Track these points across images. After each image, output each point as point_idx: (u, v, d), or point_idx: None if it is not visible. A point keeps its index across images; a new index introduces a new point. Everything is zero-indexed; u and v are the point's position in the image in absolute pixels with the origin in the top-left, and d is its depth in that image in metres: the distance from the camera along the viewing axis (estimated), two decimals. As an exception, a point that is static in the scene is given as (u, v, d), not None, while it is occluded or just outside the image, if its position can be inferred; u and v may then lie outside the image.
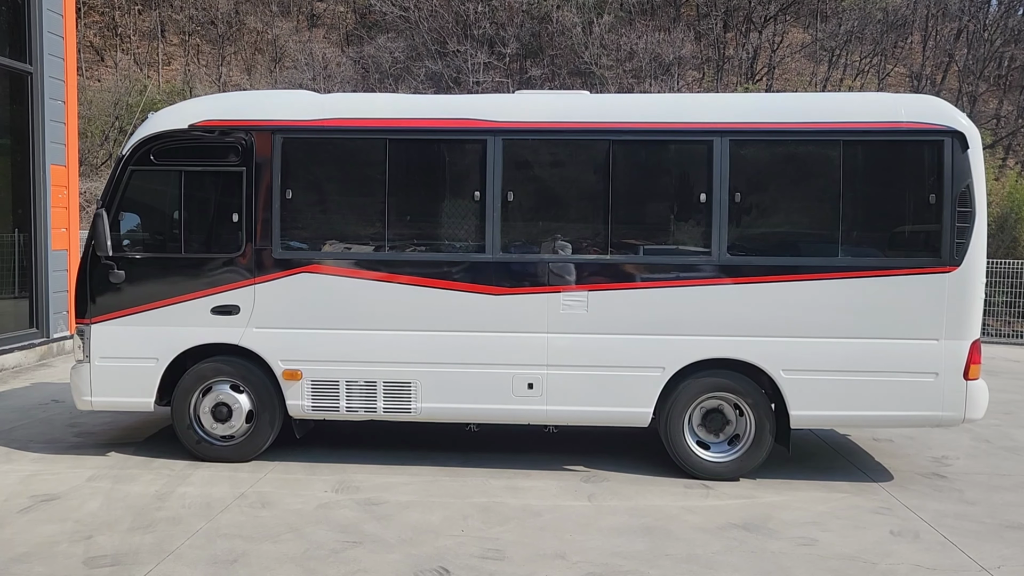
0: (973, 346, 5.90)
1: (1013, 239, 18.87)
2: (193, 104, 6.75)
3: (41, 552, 4.65)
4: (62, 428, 7.39)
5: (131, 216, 6.40)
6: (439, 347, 6.14)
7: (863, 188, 6.01)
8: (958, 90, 27.25)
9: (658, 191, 6.36)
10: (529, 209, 6.26)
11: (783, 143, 6.14)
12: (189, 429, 6.37)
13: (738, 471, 6.14)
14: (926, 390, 5.91)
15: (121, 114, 27.08)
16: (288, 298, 6.19)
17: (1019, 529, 5.30)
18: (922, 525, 5.32)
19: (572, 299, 6.05)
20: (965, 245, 5.84)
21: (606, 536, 5.03)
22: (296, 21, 34.35)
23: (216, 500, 5.53)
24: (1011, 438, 7.73)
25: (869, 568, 4.63)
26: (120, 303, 6.26)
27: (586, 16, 29.46)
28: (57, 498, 5.55)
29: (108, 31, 32.83)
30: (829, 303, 5.93)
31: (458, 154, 6.41)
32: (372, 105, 6.50)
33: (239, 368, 6.31)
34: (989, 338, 14.83)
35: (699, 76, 29.83)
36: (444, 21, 30.13)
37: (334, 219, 6.50)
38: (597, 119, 6.17)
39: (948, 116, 5.94)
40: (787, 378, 5.97)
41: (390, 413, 6.25)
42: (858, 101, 6.45)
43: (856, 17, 29.11)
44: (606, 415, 6.20)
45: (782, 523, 5.29)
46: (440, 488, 5.88)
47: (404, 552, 4.73)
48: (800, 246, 6.08)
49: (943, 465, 6.74)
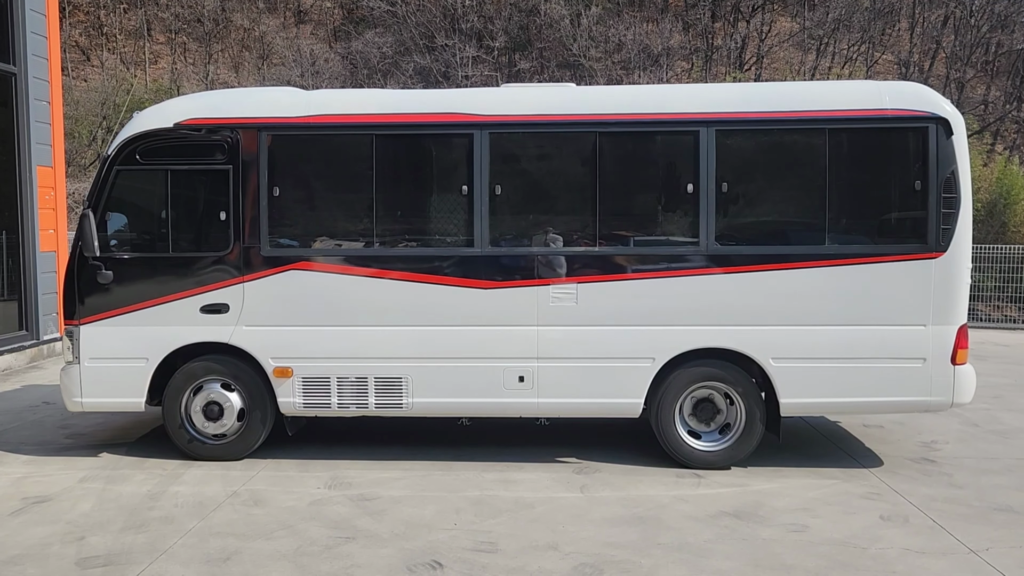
0: (960, 331, 5.94)
1: (1002, 224, 18.96)
2: (178, 102, 6.72)
3: (33, 554, 4.65)
4: (53, 430, 7.37)
5: (118, 216, 6.37)
6: (430, 342, 6.15)
7: (849, 176, 6.03)
8: (946, 76, 27.31)
9: (645, 182, 6.38)
10: (517, 202, 6.27)
11: (768, 132, 6.16)
12: (180, 428, 6.36)
13: (729, 460, 6.17)
14: (914, 375, 5.95)
15: (108, 114, 26.95)
16: (277, 296, 6.18)
17: (1007, 512, 5.35)
18: (911, 509, 5.36)
19: (561, 292, 6.06)
20: (951, 231, 5.87)
21: (598, 527, 5.05)
22: (283, 17, 34.21)
23: (209, 499, 5.53)
24: (1000, 422, 7.79)
25: (859, 553, 4.67)
26: (109, 304, 6.24)
27: (574, 8, 29.41)
28: (49, 500, 5.54)
29: (94, 30, 32.63)
30: (817, 291, 5.96)
31: (445, 149, 6.41)
32: (358, 101, 6.49)
33: (230, 366, 6.30)
34: (979, 323, 14.93)
35: (688, 67, 29.83)
36: (432, 15, 30.05)
37: (322, 216, 6.50)
38: (583, 111, 6.18)
39: (932, 102, 5.96)
40: (776, 366, 6.00)
41: (382, 409, 6.26)
42: (842, 89, 6.47)
43: (843, 5, 29.13)
44: (597, 406, 6.22)
45: (773, 510, 5.33)
46: (433, 482, 5.90)
47: (397, 546, 4.75)
48: (787, 235, 6.12)
49: (932, 450, 6.79)
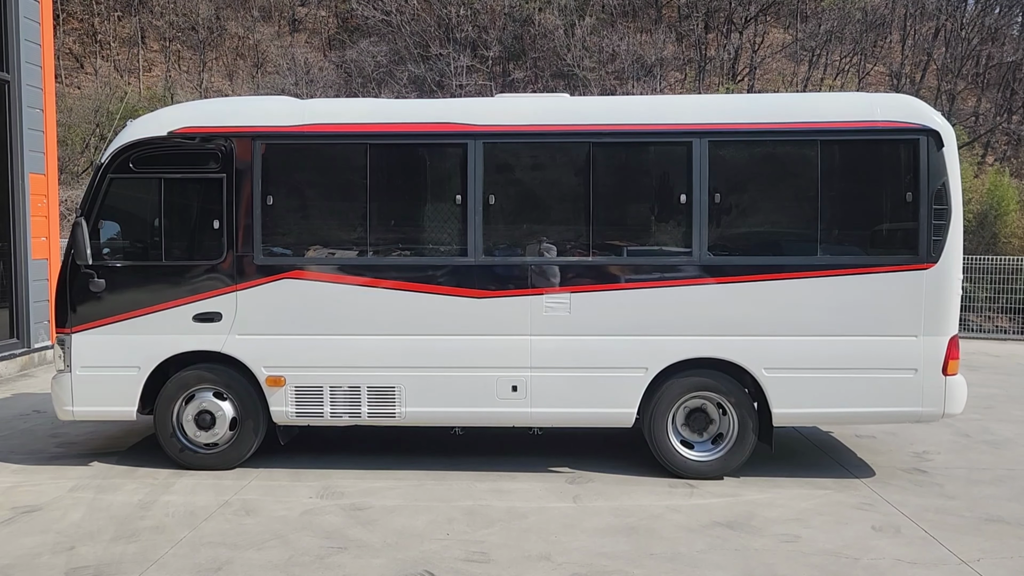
0: (951, 342, 5.97)
1: (993, 235, 19.12)
2: (172, 111, 6.71)
3: (22, 564, 4.61)
4: (44, 439, 7.33)
5: (111, 224, 6.36)
6: (423, 351, 6.14)
7: (840, 187, 6.06)
8: (937, 88, 27.53)
9: (639, 192, 6.40)
10: (510, 212, 6.29)
11: (761, 143, 6.19)
12: (172, 437, 6.34)
13: (722, 470, 6.17)
14: (905, 386, 5.97)
15: (102, 121, 26.92)
16: (270, 304, 6.17)
17: (999, 522, 5.36)
18: (903, 520, 5.37)
19: (554, 301, 6.07)
20: (942, 242, 5.91)
21: (591, 536, 5.05)
22: (278, 26, 34.26)
23: (200, 508, 5.51)
24: (991, 432, 7.82)
25: (851, 563, 4.67)
26: (101, 312, 6.22)
27: (568, 18, 29.55)
28: (39, 509, 5.51)
29: (87, 38, 32.62)
30: (809, 301, 5.98)
31: (439, 158, 6.42)
32: (352, 110, 6.49)
33: (222, 375, 6.28)
34: (970, 333, 14.99)
35: (681, 77, 29.99)
36: (426, 25, 30.15)
37: (316, 225, 6.49)
38: (577, 121, 6.20)
39: (923, 115, 6.01)
40: (769, 376, 6.01)
41: (374, 418, 6.24)
42: (834, 101, 6.51)
43: (836, 17, 29.37)
44: (590, 416, 6.22)
45: (766, 520, 5.33)
46: (425, 492, 5.88)
47: (389, 556, 4.73)
48: (780, 245, 6.14)
49: (924, 460, 6.81)
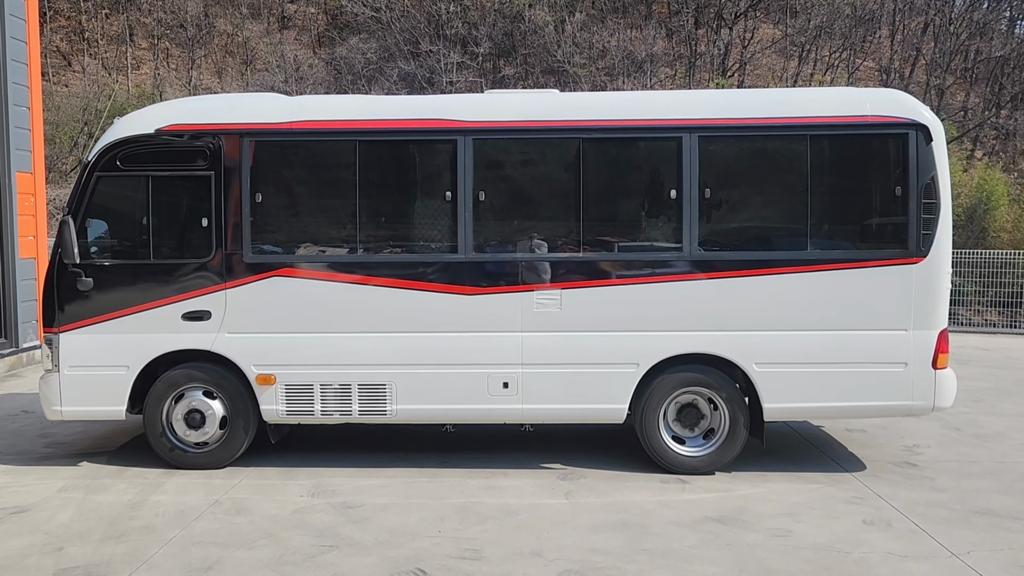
0: (941, 335, 5.99)
1: (982, 229, 19.18)
2: (160, 108, 6.67)
3: (11, 565, 4.58)
4: (32, 439, 7.28)
5: (98, 223, 6.32)
6: (414, 348, 6.13)
7: (830, 182, 6.08)
8: (926, 83, 27.61)
9: (629, 188, 6.40)
10: (501, 208, 6.28)
11: (751, 138, 6.20)
12: (162, 437, 6.30)
13: (713, 465, 6.18)
14: (896, 380, 5.99)
15: (90, 119, 26.71)
16: (260, 302, 6.14)
17: (988, 515, 5.39)
18: (894, 513, 5.39)
19: (545, 298, 6.06)
20: (931, 236, 5.92)
21: (583, 533, 5.05)
22: (267, 23, 34.07)
23: (190, 508, 5.48)
24: (980, 426, 7.86)
25: (842, 557, 4.69)
26: (89, 311, 6.18)
27: (558, 15, 29.50)
28: (27, 510, 5.47)
29: (75, 35, 32.37)
30: (799, 296, 5.99)
31: (429, 155, 6.40)
32: (342, 107, 6.49)
33: (212, 374, 6.25)
34: (960, 327, 15.07)
35: (672, 73, 29.98)
36: (416, 21, 30.04)
37: (305, 222, 6.47)
38: (567, 117, 6.19)
39: (912, 109, 6.02)
40: (759, 371, 6.02)
41: (366, 415, 6.22)
42: (823, 96, 6.53)
43: (825, 12, 29.40)
44: (581, 412, 6.22)
45: (757, 515, 5.34)
46: (417, 490, 5.87)
47: (381, 554, 4.72)
48: (770, 240, 6.15)
49: (914, 454, 6.83)
